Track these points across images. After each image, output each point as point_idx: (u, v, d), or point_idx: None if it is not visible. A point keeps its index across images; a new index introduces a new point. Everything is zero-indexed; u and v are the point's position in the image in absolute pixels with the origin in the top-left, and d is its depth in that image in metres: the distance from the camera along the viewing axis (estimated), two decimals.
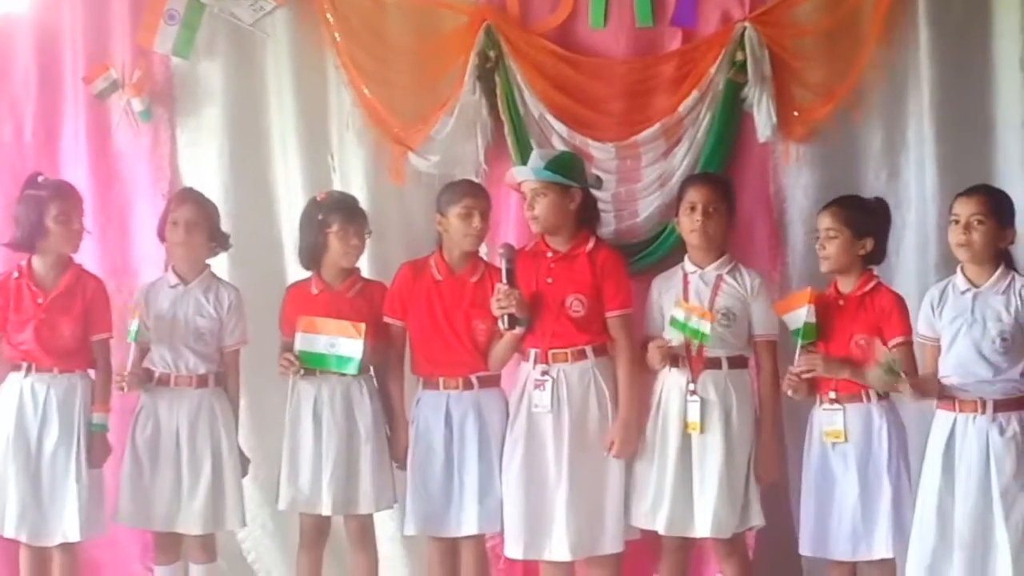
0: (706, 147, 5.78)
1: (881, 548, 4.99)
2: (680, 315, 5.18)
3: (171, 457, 5.42)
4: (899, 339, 5.01)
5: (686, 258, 5.38)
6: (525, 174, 5.33)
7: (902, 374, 4.76)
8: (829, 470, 5.10)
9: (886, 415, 5.05)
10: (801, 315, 5.04)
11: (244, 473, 5.57)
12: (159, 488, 5.42)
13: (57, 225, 5.36)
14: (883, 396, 5.05)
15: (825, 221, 5.14)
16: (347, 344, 5.32)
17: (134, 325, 5.35)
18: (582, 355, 5.22)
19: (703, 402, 5.17)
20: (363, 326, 5.32)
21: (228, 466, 5.46)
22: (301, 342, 5.35)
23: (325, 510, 5.39)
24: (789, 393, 5.11)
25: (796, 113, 5.75)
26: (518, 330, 5.21)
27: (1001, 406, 4.68)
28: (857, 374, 4.99)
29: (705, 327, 5.13)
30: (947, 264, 5.21)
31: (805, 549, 5.18)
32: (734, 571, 5.30)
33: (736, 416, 5.19)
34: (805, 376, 5.06)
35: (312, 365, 5.37)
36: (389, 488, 5.46)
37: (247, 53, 6.08)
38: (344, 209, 5.48)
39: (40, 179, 5.45)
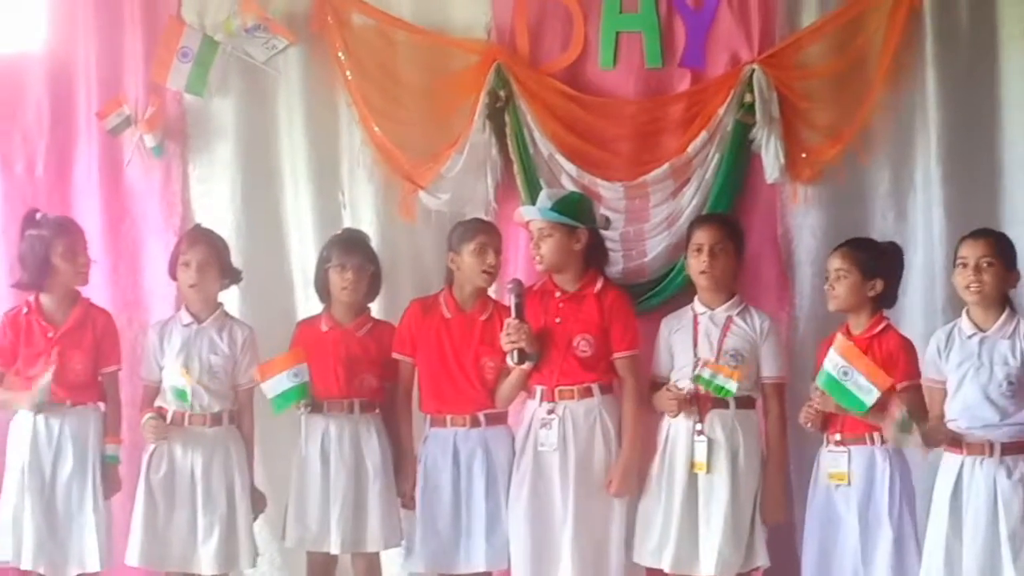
0: (714, 187, 5.81)
1: None
2: (707, 374, 5.19)
3: (186, 497, 5.41)
4: (906, 383, 5.03)
5: (696, 299, 5.41)
6: (532, 214, 5.36)
7: (914, 427, 4.76)
8: (833, 511, 5.11)
9: (890, 459, 5.05)
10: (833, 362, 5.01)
11: (261, 511, 5.58)
12: (174, 528, 5.41)
13: (64, 262, 5.39)
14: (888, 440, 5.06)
15: (835, 261, 5.16)
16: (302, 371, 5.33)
17: (184, 382, 5.35)
18: (588, 393, 5.24)
19: (710, 442, 5.19)
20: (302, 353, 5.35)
21: (241, 506, 5.45)
22: (269, 389, 5.34)
23: (334, 548, 5.39)
24: (806, 426, 5.12)
25: (804, 155, 5.77)
26: (527, 365, 5.24)
27: (1008, 449, 4.69)
28: (872, 415, 4.98)
29: (732, 386, 5.15)
30: (953, 306, 5.24)
31: None
32: None
33: (743, 456, 5.20)
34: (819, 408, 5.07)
35: (283, 406, 5.35)
36: (397, 526, 5.47)
37: (259, 90, 6.12)
38: (342, 243, 5.52)
39: (38, 216, 5.48)
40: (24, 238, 5.45)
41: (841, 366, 4.96)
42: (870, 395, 4.89)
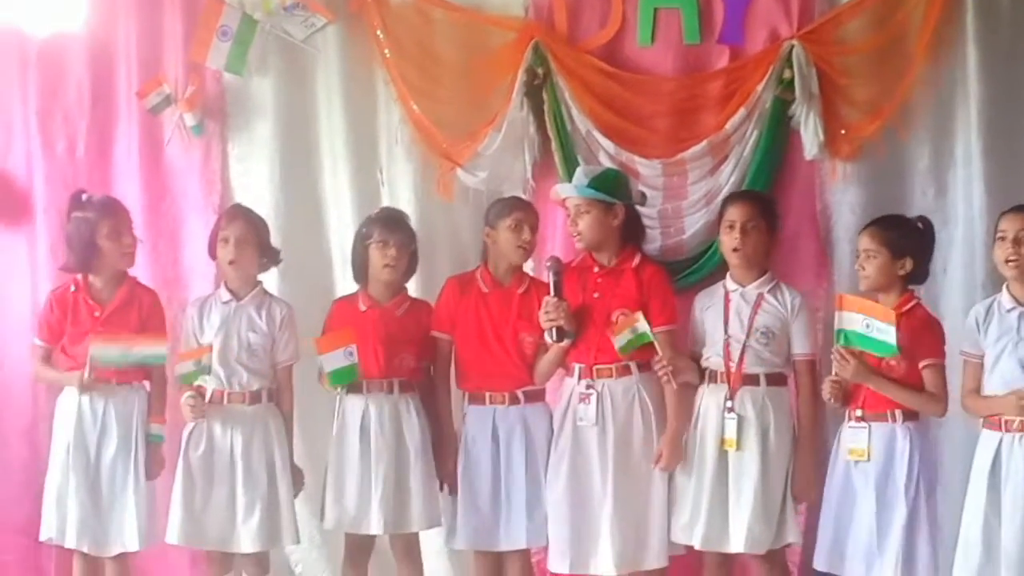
0: (753, 164, 5.79)
1: (888, 571, 4.96)
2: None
3: (225, 475, 5.42)
4: (929, 361, 5.01)
5: (728, 275, 5.39)
6: (568, 191, 5.36)
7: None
8: (851, 487, 5.09)
9: (911, 436, 5.02)
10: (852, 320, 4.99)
11: (300, 488, 5.59)
12: (213, 507, 5.42)
13: (109, 243, 5.43)
14: (909, 417, 5.03)
15: (864, 241, 5.13)
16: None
17: (188, 367, 5.36)
18: (627, 370, 5.24)
19: (740, 419, 5.18)
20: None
21: (282, 483, 5.46)
22: (327, 363, 5.35)
23: (375, 529, 5.40)
24: (829, 400, 5.10)
25: (843, 131, 5.75)
26: (566, 342, 5.24)
27: None
28: (881, 386, 4.98)
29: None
30: (994, 281, 5.21)
31: (820, 564, 5.15)
32: None
33: (773, 433, 5.19)
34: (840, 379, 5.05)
35: (341, 382, 5.38)
36: (437, 505, 5.48)
37: (298, 69, 6.15)
38: (384, 220, 5.53)
39: (84, 198, 5.51)
40: (70, 220, 5.48)
41: (862, 320, 4.93)
42: (891, 333, 4.86)
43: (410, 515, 5.42)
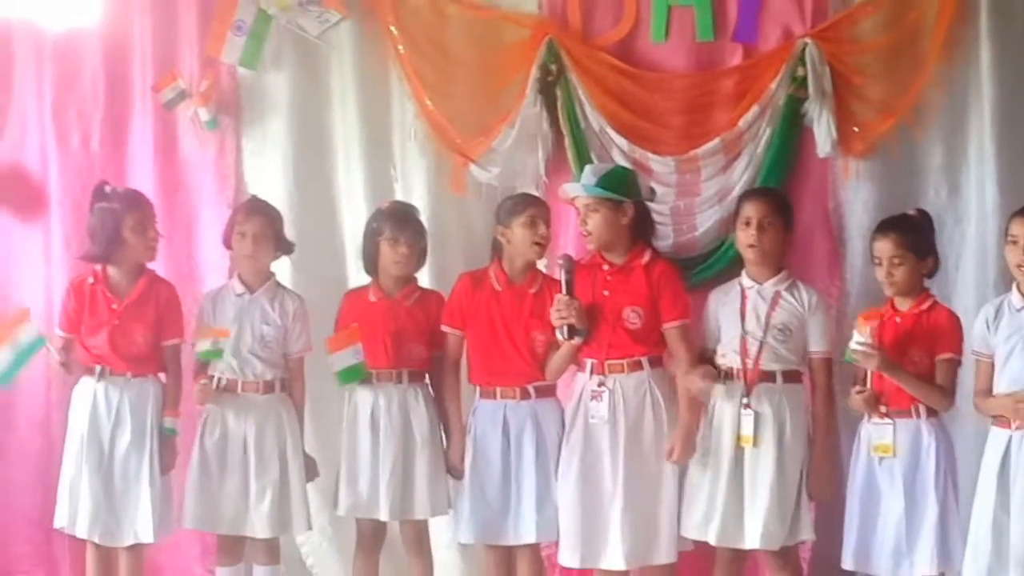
0: (765, 162, 5.80)
1: (924, 566, 4.97)
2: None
3: (238, 462, 5.48)
4: (947, 355, 5.02)
5: (744, 273, 5.39)
6: (576, 190, 5.36)
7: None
8: (875, 484, 5.10)
9: (935, 432, 5.03)
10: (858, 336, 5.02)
11: (313, 477, 5.64)
12: (227, 492, 5.48)
13: (134, 236, 5.45)
14: (933, 413, 5.04)
15: (888, 249, 5.09)
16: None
17: (207, 344, 5.40)
18: (638, 366, 5.24)
19: (756, 416, 5.18)
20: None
21: (294, 471, 5.52)
22: (335, 363, 5.39)
23: (383, 515, 5.45)
24: (861, 409, 5.11)
25: (856, 129, 5.76)
26: (577, 340, 5.24)
27: None
28: (905, 381, 4.98)
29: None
30: (1005, 280, 5.21)
31: (848, 563, 5.16)
32: None
33: (789, 430, 5.20)
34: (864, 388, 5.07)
35: (349, 381, 5.43)
36: (444, 494, 5.51)
37: (312, 64, 6.17)
38: (395, 216, 5.55)
39: (108, 189, 5.53)
40: (94, 211, 5.49)
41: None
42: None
43: (416, 502, 5.46)
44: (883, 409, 5.08)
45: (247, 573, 5.67)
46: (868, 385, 5.06)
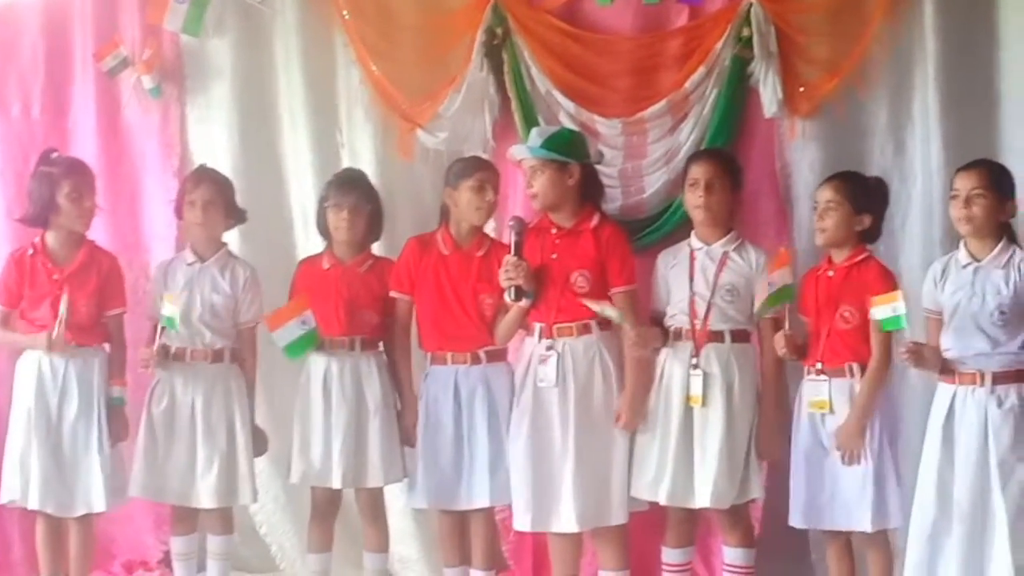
0: (712, 123, 5.81)
1: (865, 523, 5.01)
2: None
3: (186, 431, 5.47)
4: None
5: (692, 234, 5.40)
6: (522, 152, 5.34)
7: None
8: (817, 441, 5.13)
9: None
10: (778, 277, 5.08)
11: (263, 450, 5.62)
12: (173, 461, 5.47)
13: (69, 202, 5.40)
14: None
15: (827, 193, 5.15)
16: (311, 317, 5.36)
17: (172, 310, 5.34)
18: (587, 329, 5.23)
19: (705, 375, 5.20)
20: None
21: (241, 441, 5.50)
22: (279, 339, 5.35)
23: (336, 483, 5.44)
24: (782, 352, 5.13)
25: (802, 89, 5.76)
26: (525, 302, 5.23)
27: (999, 378, 4.69)
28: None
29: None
30: (951, 238, 5.22)
31: (797, 521, 5.19)
32: (738, 542, 5.34)
33: (738, 390, 5.22)
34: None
35: (298, 354, 5.40)
36: (398, 461, 5.51)
37: (256, 30, 6.14)
38: (338, 183, 5.55)
39: (54, 156, 5.49)
40: (35, 174, 5.46)
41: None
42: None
43: (368, 470, 5.45)
44: (818, 366, 5.11)
45: (200, 542, 5.66)
46: (785, 326, 5.10)
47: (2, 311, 5.50)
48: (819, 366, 5.11)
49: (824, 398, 5.08)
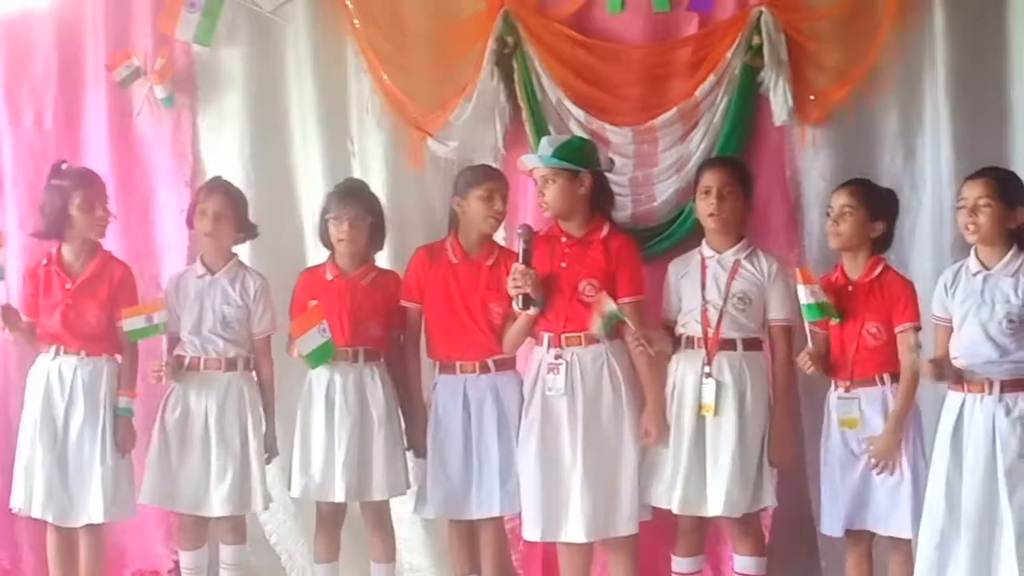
0: (723, 131, 5.81)
1: (904, 528, 5.01)
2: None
3: (199, 440, 5.47)
4: (906, 325, 5.04)
5: (704, 242, 5.40)
6: (533, 162, 5.34)
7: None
8: (849, 449, 5.13)
9: None
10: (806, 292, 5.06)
11: (271, 458, 5.60)
12: (187, 470, 5.47)
13: (81, 213, 5.42)
14: (896, 380, 5.05)
15: (843, 198, 5.15)
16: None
17: (161, 317, 5.38)
18: (595, 339, 5.21)
19: (717, 384, 5.19)
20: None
21: (254, 449, 5.50)
22: (303, 346, 5.34)
23: (338, 497, 5.42)
24: (807, 369, 5.13)
25: (812, 97, 5.76)
26: (532, 311, 5.23)
27: (1008, 387, 4.68)
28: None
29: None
30: (962, 246, 5.21)
31: (834, 528, 5.17)
32: (749, 551, 5.33)
33: (750, 398, 5.21)
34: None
35: (319, 362, 5.38)
36: (402, 474, 5.50)
37: (267, 40, 6.15)
38: (339, 194, 5.55)
39: (63, 167, 5.52)
40: (47, 188, 5.48)
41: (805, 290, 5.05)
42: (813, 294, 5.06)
43: (372, 483, 5.43)
44: (847, 383, 5.12)
45: (209, 557, 5.66)
46: (808, 344, 5.09)
47: (28, 322, 5.52)
48: (848, 383, 5.12)
49: (855, 416, 5.10)
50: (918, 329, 5.03)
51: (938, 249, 5.61)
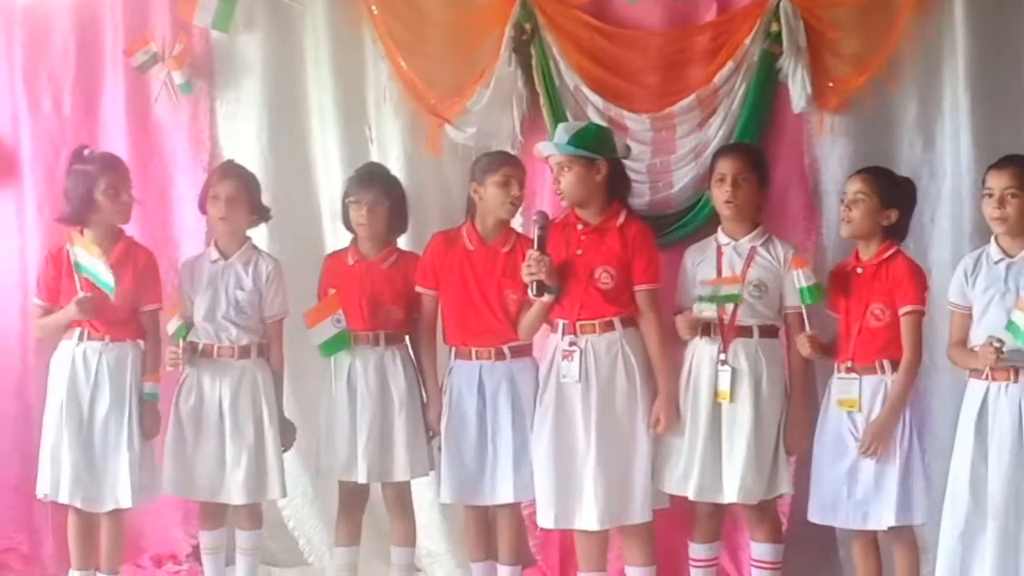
0: (741, 118, 5.78)
1: (888, 518, 5.01)
2: (707, 292, 5.22)
3: (214, 427, 5.48)
4: (908, 308, 5.03)
5: (719, 229, 5.39)
6: (549, 149, 5.31)
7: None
8: (841, 438, 5.11)
9: None
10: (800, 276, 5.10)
11: (291, 443, 5.62)
12: (202, 458, 5.48)
13: (106, 198, 5.42)
14: (897, 368, 5.04)
15: (856, 185, 5.14)
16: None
17: (175, 325, 5.39)
18: (610, 326, 5.21)
19: (733, 371, 5.19)
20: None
21: (269, 436, 5.50)
22: (316, 336, 5.39)
23: (361, 477, 5.45)
24: (808, 353, 5.13)
25: (831, 84, 5.73)
26: (547, 297, 5.21)
27: None
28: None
29: (735, 288, 5.17)
30: (981, 233, 5.22)
31: (813, 516, 5.20)
32: (766, 537, 5.34)
33: (766, 385, 5.21)
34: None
35: (332, 352, 5.42)
36: (424, 455, 5.52)
37: (285, 26, 6.14)
38: (358, 178, 5.56)
39: (86, 152, 5.51)
40: (70, 173, 5.48)
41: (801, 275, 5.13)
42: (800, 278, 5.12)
43: (394, 464, 5.46)
44: (848, 364, 5.11)
45: (229, 537, 5.68)
46: (806, 328, 5.10)
47: (44, 306, 5.53)
48: (849, 364, 5.10)
49: (853, 397, 5.08)
50: (922, 313, 5.03)
51: (957, 236, 5.57)
